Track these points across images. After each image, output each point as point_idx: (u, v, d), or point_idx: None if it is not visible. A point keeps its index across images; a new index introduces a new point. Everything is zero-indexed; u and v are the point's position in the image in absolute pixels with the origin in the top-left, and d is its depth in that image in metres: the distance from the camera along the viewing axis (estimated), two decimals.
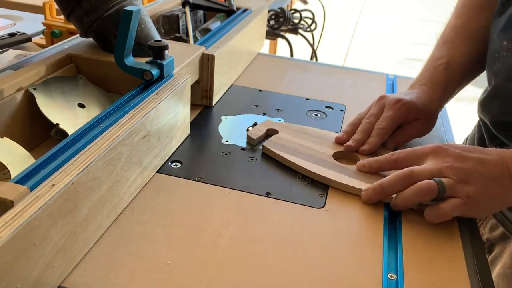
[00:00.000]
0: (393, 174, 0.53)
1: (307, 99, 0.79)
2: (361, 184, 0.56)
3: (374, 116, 0.64)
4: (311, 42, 1.34)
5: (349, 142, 0.63)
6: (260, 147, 0.63)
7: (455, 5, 0.73)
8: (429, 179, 0.51)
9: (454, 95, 0.70)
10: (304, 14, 1.32)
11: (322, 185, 0.57)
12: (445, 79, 0.67)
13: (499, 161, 0.51)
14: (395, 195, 0.53)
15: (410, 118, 0.64)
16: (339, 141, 0.64)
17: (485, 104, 0.64)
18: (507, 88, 0.59)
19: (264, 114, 0.73)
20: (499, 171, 0.50)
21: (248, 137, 0.64)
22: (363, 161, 0.58)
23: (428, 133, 0.67)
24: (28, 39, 0.89)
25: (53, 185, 0.38)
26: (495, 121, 0.63)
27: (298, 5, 1.60)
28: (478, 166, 0.51)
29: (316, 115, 0.75)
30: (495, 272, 0.68)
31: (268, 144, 0.62)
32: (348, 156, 0.63)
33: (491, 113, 0.63)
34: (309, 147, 0.62)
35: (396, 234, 0.51)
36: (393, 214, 0.53)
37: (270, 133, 0.65)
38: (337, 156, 0.62)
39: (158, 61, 0.57)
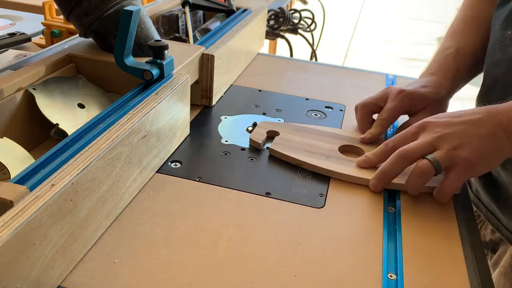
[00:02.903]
0: (389, 158, 0.55)
1: (307, 99, 0.79)
2: (368, 174, 0.57)
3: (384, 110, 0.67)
4: (311, 42, 1.34)
5: (364, 135, 0.66)
6: (262, 148, 0.63)
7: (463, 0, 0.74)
8: (422, 154, 0.53)
9: (466, 81, 0.71)
10: (303, 14, 1.32)
11: (322, 185, 0.57)
12: (455, 66, 0.68)
13: (489, 117, 0.52)
14: (398, 180, 0.56)
15: (417, 107, 0.66)
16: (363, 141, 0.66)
17: (484, 97, 0.64)
18: (509, 77, 0.60)
19: (264, 114, 0.73)
20: (491, 127, 0.51)
21: (253, 142, 0.64)
22: (362, 157, 0.60)
23: None
24: (28, 39, 0.89)
25: (53, 185, 0.38)
26: None
27: (297, 5, 1.60)
28: (469, 128, 0.52)
29: (316, 115, 0.75)
30: (497, 271, 0.69)
31: (275, 146, 0.62)
32: (352, 150, 0.65)
33: (492, 103, 0.63)
34: (314, 144, 0.63)
35: (396, 234, 0.51)
36: (393, 214, 0.53)
37: (271, 134, 0.66)
38: (342, 150, 0.63)
39: (158, 61, 0.57)
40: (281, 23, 1.23)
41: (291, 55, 1.31)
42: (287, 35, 1.29)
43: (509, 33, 0.60)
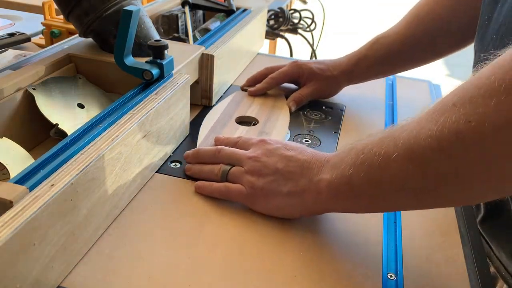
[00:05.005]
0: (209, 148, 0.57)
1: None
2: None
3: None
4: (311, 42, 1.34)
5: (253, 88, 0.76)
6: None
7: None
8: (229, 161, 0.53)
9: (380, 68, 0.76)
10: (303, 14, 1.32)
11: None
12: (365, 52, 0.74)
13: (305, 162, 0.48)
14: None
15: (304, 79, 0.75)
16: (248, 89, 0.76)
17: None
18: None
19: None
20: (298, 171, 0.48)
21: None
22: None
23: (329, 97, 0.79)
24: (28, 39, 0.89)
25: (53, 185, 0.38)
26: None
27: (297, 5, 1.60)
28: (280, 163, 0.49)
29: (316, 115, 0.75)
30: None
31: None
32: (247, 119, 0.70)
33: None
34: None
35: (396, 234, 0.51)
36: (393, 214, 0.53)
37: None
38: (239, 121, 0.69)
39: (158, 60, 0.57)
40: (281, 23, 1.23)
41: (291, 55, 1.31)
42: (287, 35, 1.29)
43: None
